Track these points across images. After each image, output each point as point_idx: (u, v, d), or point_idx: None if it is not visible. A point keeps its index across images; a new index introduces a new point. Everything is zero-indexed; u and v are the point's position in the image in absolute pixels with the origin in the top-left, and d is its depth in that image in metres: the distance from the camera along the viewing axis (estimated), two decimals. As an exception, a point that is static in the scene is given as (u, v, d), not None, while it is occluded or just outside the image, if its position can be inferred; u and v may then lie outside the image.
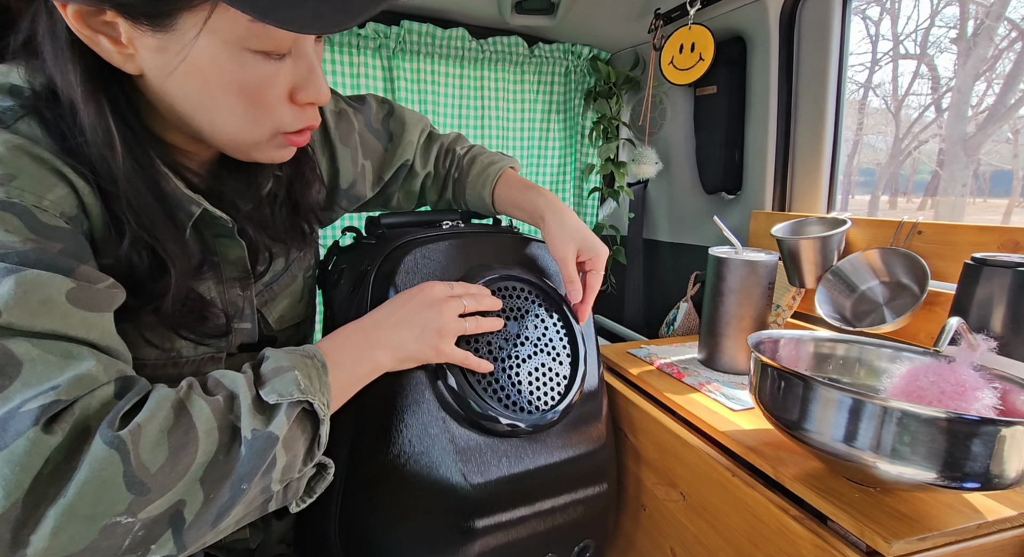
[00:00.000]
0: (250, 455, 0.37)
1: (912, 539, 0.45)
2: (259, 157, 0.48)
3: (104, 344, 0.38)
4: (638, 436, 0.79)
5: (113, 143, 0.40)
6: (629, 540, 0.83)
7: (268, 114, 0.43)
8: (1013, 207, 2.94)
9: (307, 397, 0.40)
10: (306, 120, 0.46)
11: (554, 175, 1.59)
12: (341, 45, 1.24)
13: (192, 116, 0.42)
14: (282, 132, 0.46)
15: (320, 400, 0.41)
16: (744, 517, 0.59)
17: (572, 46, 1.46)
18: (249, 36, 0.38)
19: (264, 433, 0.38)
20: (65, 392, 0.33)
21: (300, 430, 0.41)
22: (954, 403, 0.50)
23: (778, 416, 0.53)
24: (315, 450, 0.43)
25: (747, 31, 1.09)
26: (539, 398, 0.63)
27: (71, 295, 0.36)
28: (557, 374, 0.66)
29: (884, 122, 3.68)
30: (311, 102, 0.45)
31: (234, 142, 0.45)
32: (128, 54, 0.39)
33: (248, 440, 0.37)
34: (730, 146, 1.17)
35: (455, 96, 1.40)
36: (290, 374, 0.41)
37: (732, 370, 0.84)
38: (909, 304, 0.80)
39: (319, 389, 0.42)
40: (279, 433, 0.38)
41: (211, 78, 0.39)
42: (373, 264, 0.63)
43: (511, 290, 0.66)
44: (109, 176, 0.41)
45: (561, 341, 0.68)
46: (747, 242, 1.14)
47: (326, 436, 0.42)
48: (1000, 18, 2.79)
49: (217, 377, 0.41)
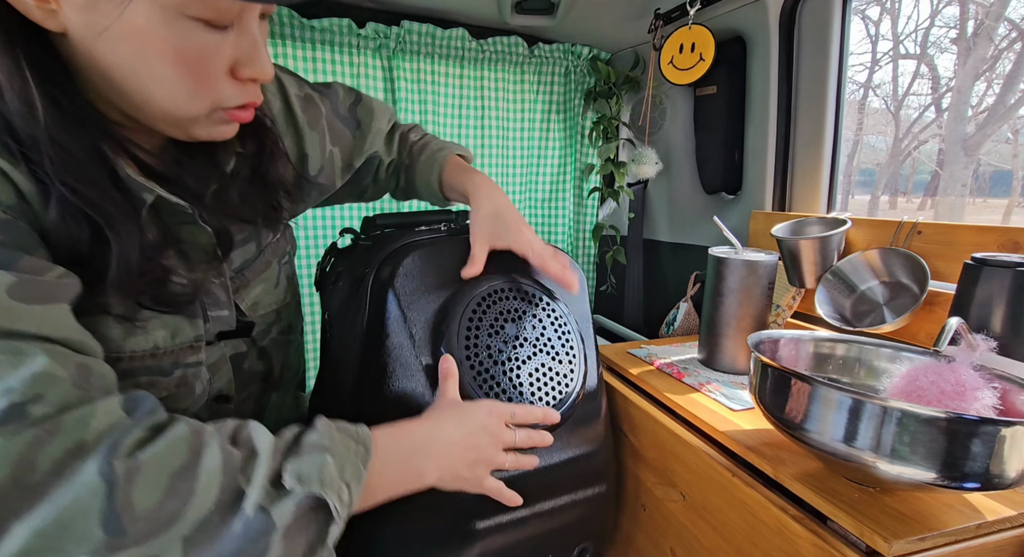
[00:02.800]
0: (242, 533, 0.34)
1: (912, 539, 0.45)
2: (199, 134, 0.45)
3: (60, 337, 0.35)
4: (638, 436, 0.79)
5: (33, 105, 0.36)
6: (629, 540, 0.83)
7: (207, 87, 0.41)
8: (1013, 207, 2.94)
9: (325, 493, 0.36)
10: (247, 96, 0.44)
11: (554, 175, 1.59)
12: (341, 45, 1.24)
13: (124, 85, 0.39)
14: (222, 108, 0.43)
15: (341, 496, 0.37)
16: (744, 517, 0.59)
17: (572, 46, 1.46)
18: (189, 1, 0.36)
19: (265, 518, 0.34)
20: (20, 394, 0.31)
21: (309, 522, 0.37)
22: (954, 403, 0.50)
23: (778, 416, 0.53)
24: (319, 550, 0.38)
25: (747, 31, 1.09)
26: (541, 399, 0.64)
27: (13, 290, 0.33)
28: (558, 373, 0.66)
29: (884, 122, 3.69)
30: (253, 78, 0.43)
31: (169, 117, 0.42)
32: (50, 9, 0.35)
33: (248, 516, 0.34)
34: (730, 146, 1.17)
35: (455, 96, 1.40)
36: (320, 458, 0.37)
37: (732, 370, 0.84)
38: (909, 304, 0.81)
39: (349, 479, 0.38)
40: (278, 521, 0.34)
41: (146, 43, 0.37)
42: (371, 267, 0.63)
43: (507, 292, 0.66)
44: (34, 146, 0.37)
45: (560, 340, 0.68)
46: (747, 242, 1.14)
47: (335, 538, 0.38)
48: (1000, 18, 2.79)
49: (250, 430, 0.38)
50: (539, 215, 1.62)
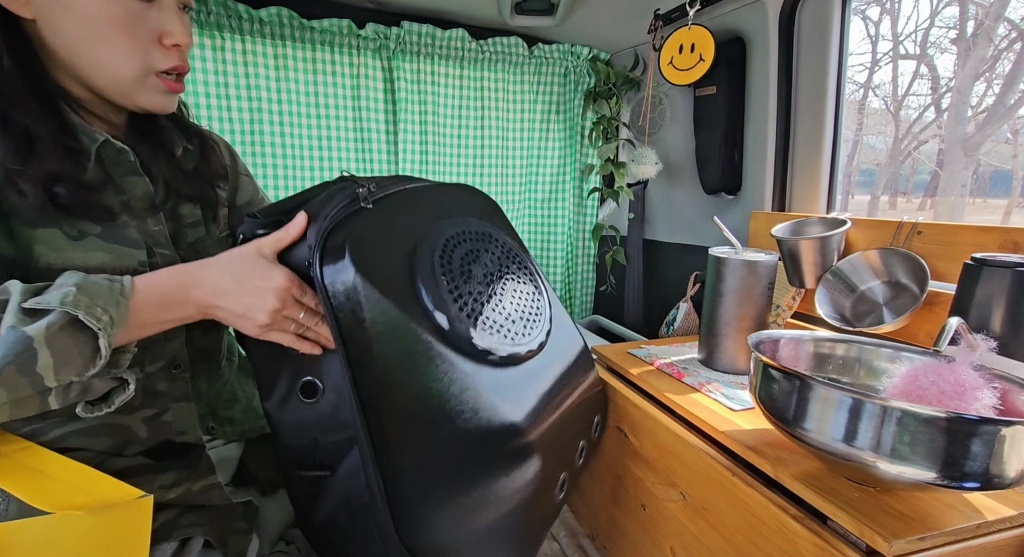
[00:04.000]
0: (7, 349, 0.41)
1: (912, 538, 0.45)
2: (142, 102, 0.55)
3: None
4: (638, 436, 0.79)
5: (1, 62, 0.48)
6: (629, 540, 0.83)
7: (139, 49, 0.52)
8: (1013, 207, 2.95)
9: (68, 309, 0.43)
10: (174, 60, 0.55)
11: (554, 175, 1.59)
12: (341, 46, 1.24)
13: (80, 55, 0.51)
14: (155, 71, 0.54)
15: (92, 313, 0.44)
16: (744, 516, 0.59)
17: (572, 46, 1.46)
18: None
19: (18, 332, 0.42)
20: None
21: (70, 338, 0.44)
22: (954, 403, 0.50)
23: (778, 416, 0.53)
24: (97, 360, 0.45)
25: (747, 31, 1.09)
26: (531, 318, 0.69)
27: None
28: (528, 290, 0.71)
29: (884, 122, 3.69)
30: (176, 44, 0.55)
31: (115, 80, 0.53)
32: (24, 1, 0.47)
33: (3, 334, 0.42)
34: (730, 146, 1.17)
35: (455, 96, 1.40)
36: (66, 289, 0.44)
37: (732, 370, 0.84)
38: (909, 304, 0.81)
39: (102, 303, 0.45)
40: (33, 333, 0.42)
41: (90, 13, 0.49)
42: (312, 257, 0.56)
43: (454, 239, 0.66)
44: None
45: (513, 262, 0.72)
46: (747, 242, 1.14)
47: (106, 348, 0.45)
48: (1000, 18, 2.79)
49: (7, 284, 0.45)
50: (539, 215, 1.62)
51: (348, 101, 1.30)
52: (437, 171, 1.43)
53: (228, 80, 1.16)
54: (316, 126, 1.28)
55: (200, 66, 1.14)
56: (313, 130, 1.28)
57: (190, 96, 1.14)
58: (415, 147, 1.37)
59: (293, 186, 1.28)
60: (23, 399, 0.43)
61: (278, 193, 1.27)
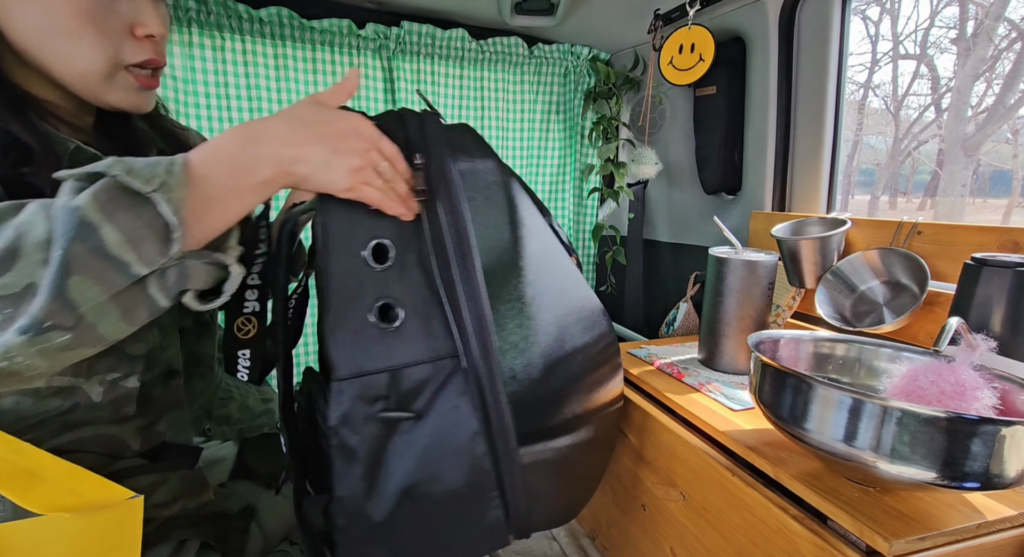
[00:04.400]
0: (58, 224, 0.38)
1: (912, 538, 0.45)
2: (113, 100, 0.51)
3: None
4: (638, 436, 0.79)
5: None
6: (629, 540, 0.83)
7: (108, 41, 0.48)
8: (1013, 207, 2.95)
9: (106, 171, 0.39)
10: (147, 52, 0.50)
11: (554, 175, 1.59)
12: (341, 46, 1.24)
13: (43, 49, 0.46)
14: (126, 65, 0.49)
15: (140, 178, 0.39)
16: (744, 516, 0.59)
17: (572, 46, 1.46)
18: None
19: (67, 204, 0.38)
20: None
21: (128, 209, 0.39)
22: (954, 403, 0.50)
23: (778, 416, 0.53)
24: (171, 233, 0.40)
25: (746, 31, 1.09)
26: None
27: None
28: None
29: (884, 122, 3.69)
30: (149, 34, 0.50)
31: (82, 75, 0.48)
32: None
33: (56, 215, 0.38)
34: (730, 146, 1.17)
35: (455, 97, 1.40)
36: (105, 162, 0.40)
37: (732, 370, 0.84)
38: (909, 304, 0.81)
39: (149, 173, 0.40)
40: (80, 202, 0.38)
41: (53, 2, 0.45)
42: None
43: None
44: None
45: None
46: (747, 242, 1.14)
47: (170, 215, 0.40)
48: (1000, 18, 2.79)
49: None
50: (539, 215, 1.62)
51: (348, 102, 1.30)
52: (437, 171, 1.43)
53: (228, 80, 1.16)
54: (316, 126, 1.28)
55: (200, 66, 1.14)
56: (313, 130, 1.28)
57: (190, 96, 1.14)
58: (415, 147, 1.37)
59: (293, 186, 1.28)
60: (122, 293, 0.39)
61: (277, 193, 1.27)
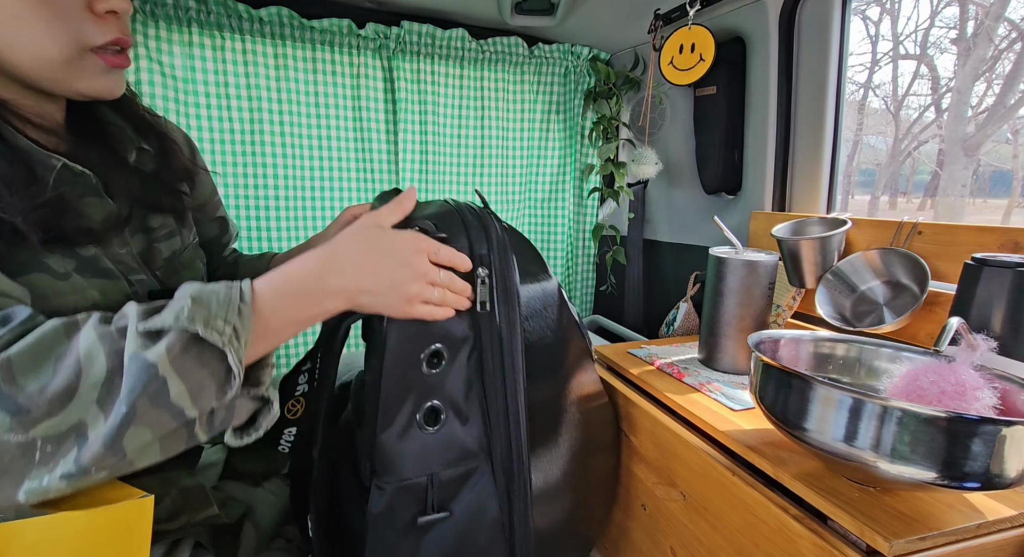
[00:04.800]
0: (128, 378, 0.37)
1: (912, 538, 0.45)
2: (82, 87, 0.47)
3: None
4: (638, 436, 0.79)
5: None
6: (629, 540, 0.83)
7: (65, 23, 0.43)
8: (1013, 207, 2.94)
9: (185, 326, 0.39)
10: (111, 31, 0.46)
11: (554, 175, 1.59)
12: (341, 46, 1.24)
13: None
14: (89, 47, 0.45)
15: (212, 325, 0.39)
16: (744, 516, 0.59)
17: (572, 46, 1.46)
18: None
19: (140, 359, 0.37)
20: None
21: (196, 359, 0.39)
22: (954, 403, 0.50)
23: (778, 416, 0.53)
24: (231, 380, 0.40)
25: (747, 31, 1.09)
26: None
27: None
28: None
29: (884, 122, 3.69)
30: (111, 10, 0.45)
31: (43, 63, 0.44)
32: None
33: (127, 365, 0.38)
34: (730, 146, 1.17)
35: (455, 96, 1.40)
36: (180, 303, 0.40)
37: (732, 370, 0.84)
38: (909, 304, 0.81)
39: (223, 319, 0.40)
40: (155, 359, 0.37)
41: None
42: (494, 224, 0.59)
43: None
44: None
45: None
46: (747, 242, 1.14)
47: (236, 365, 0.40)
48: (1000, 18, 2.79)
49: (124, 307, 0.41)
50: (539, 215, 1.62)
51: (348, 101, 1.30)
52: (437, 170, 1.43)
53: (228, 80, 1.16)
54: (316, 126, 1.28)
55: (200, 66, 1.14)
56: (313, 130, 1.28)
57: (190, 96, 1.14)
58: (415, 147, 1.37)
59: (293, 186, 1.28)
60: (169, 434, 0.39)
61: (277, 192, 1.27)
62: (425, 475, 0.55)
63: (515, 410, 0.57)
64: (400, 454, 0.54)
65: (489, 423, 0.57)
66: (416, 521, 0.54)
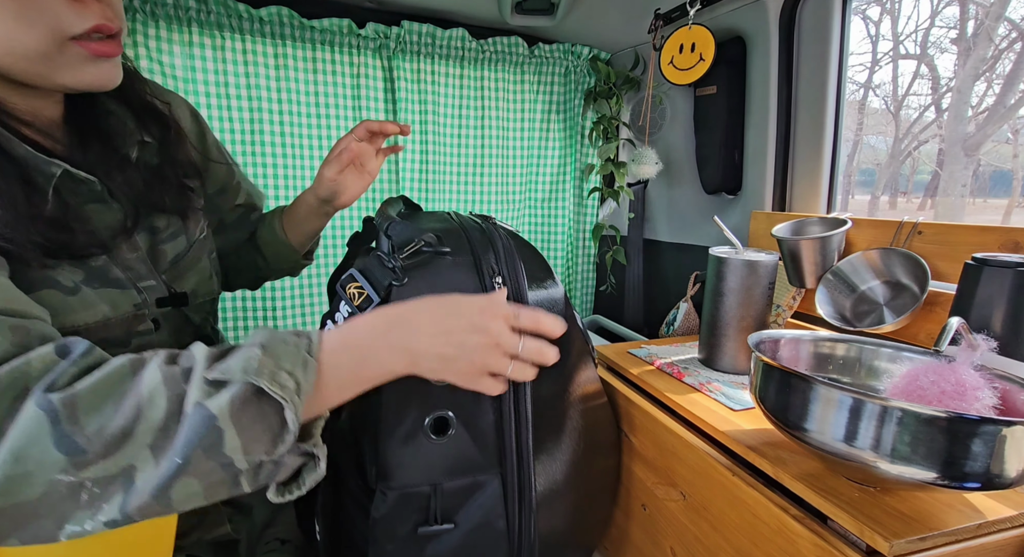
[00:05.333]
0: (187, 428, 0.36)
1: (912, 538, 0.45)
2: (68, 80, 0.43)
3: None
4: (638, 436, 0.79)
5: None
6: (629, 540, 0.83)
7: (37, 11, 0.39)
8: (1013, 207, 2.95)
9: (251, 379, 0.37)
10: (92, 18, 0.42)
11: (554, 175, 1.59)
12: (341, 45, 1.24)
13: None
14: (69, 36, 0.41)
15: (278, 380, 0.38)
16: (744, 516, 0.59)
17: (572, 46, 1.46)
18: None
19: (203, 410, 0.36)
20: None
21: (256, 410, 0.38)
22: (954, 403, 0.50)
23: (778, 416, 0.53)
24: (285, 434, 0.39)
25: (747, 31, 1.09)
26: None
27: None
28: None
29: (884, 122, 3.69)
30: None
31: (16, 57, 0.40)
32: None
33: (188, 413, 0.37)
34: (730, 146, 1.17)
35: (455, 96, 1.40)
36: (248, 352, 0.39)
37: (732, 370, 0.84)
38: (909, 304, 0.81)
39: (289, 367, 0.39)
40: (217, 412, 0.36)
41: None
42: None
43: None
44: None
45: None
46: (747, 242, 1.14)
47: (293, 422, 0.39)
48: (1000, 18, 2.79)
49: (191, 348, 0.40)
50: (539, 215, 1.62)
51: (348, 101, 1.30)
52: (437, 170, 1.42)
53: (228, 80, 1.16)
54: (316, 126, 1.28)
55: (200, 66, 1.13)
56: (313, 130, 1.28)
57: (190, 96, 1.14)
58: (415, 146, 1.37)
59: (293, 186, 1.28)
60: (215, 484, 0.38)
61: (277, 192, 1.27)
62: (428, 485, 0.55)
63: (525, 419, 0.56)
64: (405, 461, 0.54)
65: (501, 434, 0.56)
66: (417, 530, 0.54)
